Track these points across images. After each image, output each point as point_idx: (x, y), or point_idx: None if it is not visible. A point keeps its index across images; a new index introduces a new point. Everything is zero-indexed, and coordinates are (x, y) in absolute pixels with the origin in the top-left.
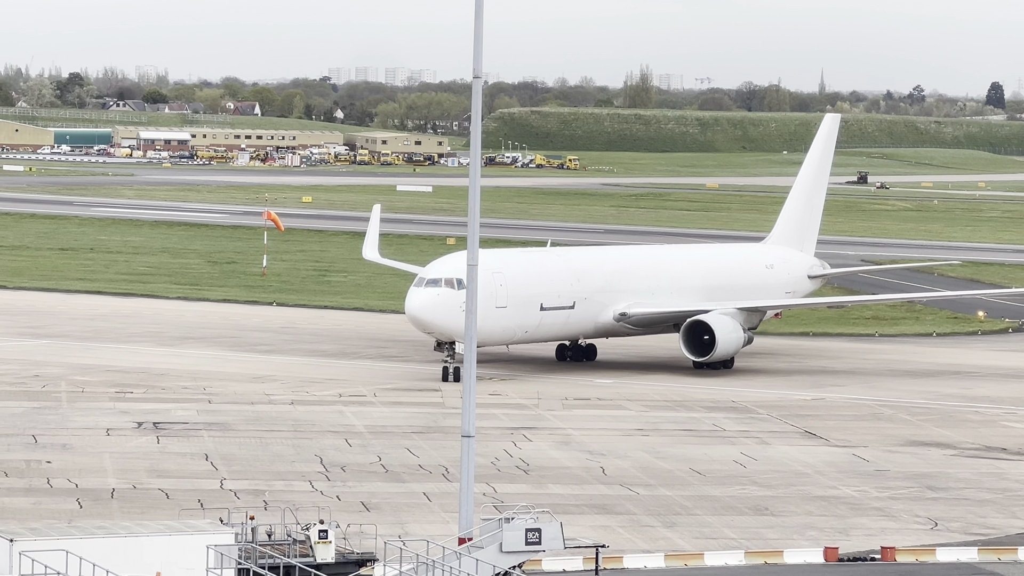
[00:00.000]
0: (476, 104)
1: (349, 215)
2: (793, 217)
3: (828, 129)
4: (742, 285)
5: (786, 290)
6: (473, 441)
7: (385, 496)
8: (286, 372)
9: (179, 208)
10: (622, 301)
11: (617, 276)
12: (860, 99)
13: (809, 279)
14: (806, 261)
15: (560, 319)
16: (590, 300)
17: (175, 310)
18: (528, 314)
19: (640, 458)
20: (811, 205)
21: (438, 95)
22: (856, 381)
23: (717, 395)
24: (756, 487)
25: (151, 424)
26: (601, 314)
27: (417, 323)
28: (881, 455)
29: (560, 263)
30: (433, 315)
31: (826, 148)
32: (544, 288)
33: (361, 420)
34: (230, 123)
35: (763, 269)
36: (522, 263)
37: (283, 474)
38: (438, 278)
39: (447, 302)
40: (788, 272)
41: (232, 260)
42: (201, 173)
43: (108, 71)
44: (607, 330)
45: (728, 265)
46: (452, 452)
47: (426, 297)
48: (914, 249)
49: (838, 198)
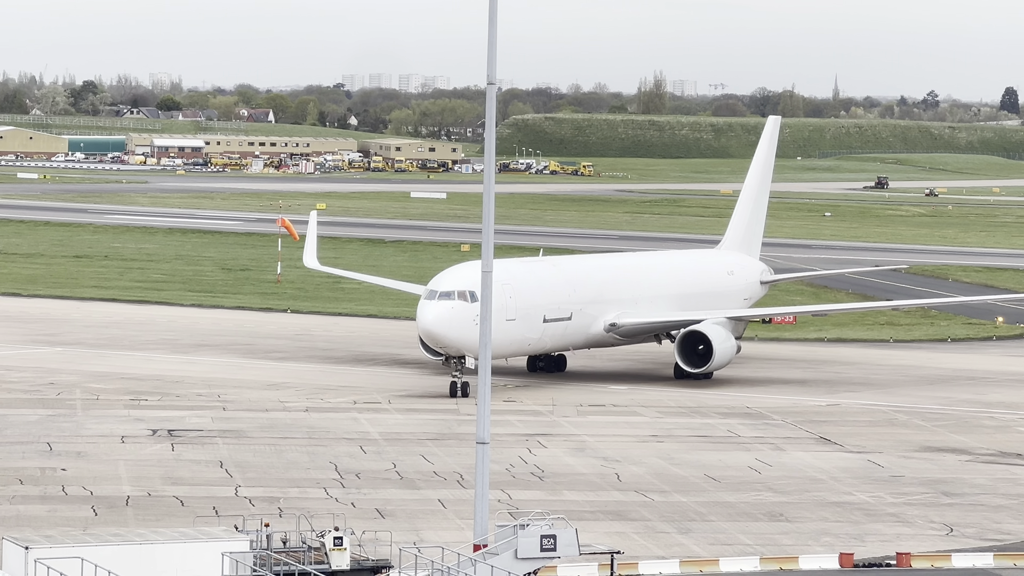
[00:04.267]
0: (490, 110)
1: (364, 222)
2: (743, 222)
3: (770, 132)
4: (708, 292)
5: (744, 296)
6: (488, 448)
7: (400, 503)
8: (300, 379)
9: (193, 215)
10: (611, 311)
11: (606, 286)
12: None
13: (761, 284)
14: (757, 267)
15: (559, 331)
16: (584, 311)
17: (189, 317)
18: (533, 326)
19: (655, 464)
20: (757, 210)
21: (452, 102)
22: (871, 387)
23: (732, 401)
24: (771, 493)
25: (166, 431)
26: (593, 325)
27: (431, 338)
28: (896, 461)
29: (557, 273)
30: (448, 329)
31: (769, 152)
32: (546, 299)
33: (375, 427)
34: (244, 130)
35: (725, 275)
36: (526, 274)
37: (298, 481)
38: (451, 290)
39: (461, 316)
40: (745, 278)
41: (246, 267)
42: (215, 180)
43: (122, 78)
44: (597, 341)
45: (696, 272)
46: (467, 459)
47: (440, 311)
48: (927, 255)
49: (852, 204)
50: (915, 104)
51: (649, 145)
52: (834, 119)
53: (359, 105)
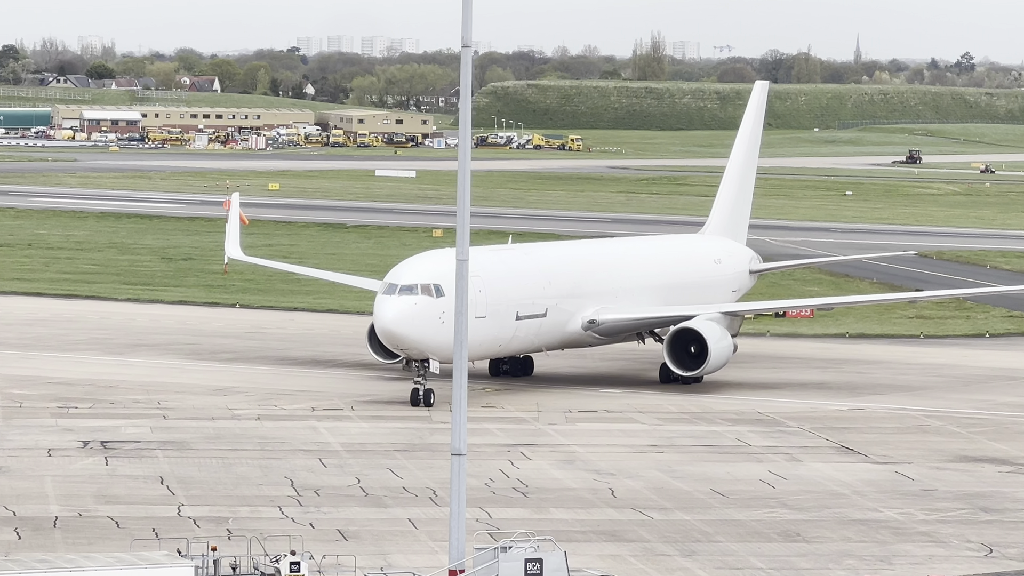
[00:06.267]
0: (465, 77)
1: (322, 204)
2: (728, 203)
3: (758, 100)
4: (694, 283)
5: (732, 288)
6: (464, 460)
7: (365, 523)
8: (251, 383)
9: (129, 198)
10: (589, 307)
11: (584, 277)
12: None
13: (750, 274)
14: (746, 254)
15: (533, 329)
16: (560, 306)
17: (125, 313)
18: (505, 325)
19: (654, 478)
20: (743, 188)
21: (422, 67)
22: (899, 389)
23: (741, 406)
24: (786, 510)
25: (98, 443)
26: (569, 322)
27: (391, 338)
28: (928, 472)
29: (530, 263)
30: (410, 329)
31: (756, 122)
32: (519, 294)
33: (337, 437)
34: (186, 101)
35: (712, 264)
36: (496, 264)
37: (249, 499)
38: (412, 284)
39: (426, 313)
40: (734, 267)
41: (189, 256)
42: (153, 158)
43: (47, 42)
44: (574, 340)
45: (681, 260)
46: (441, 472)
47: (401, 308)
48: (962, 239)
49: (877, 181)
50: (947, 68)
51: (646, 116)
52: (856, 85)
53: (316, 72)
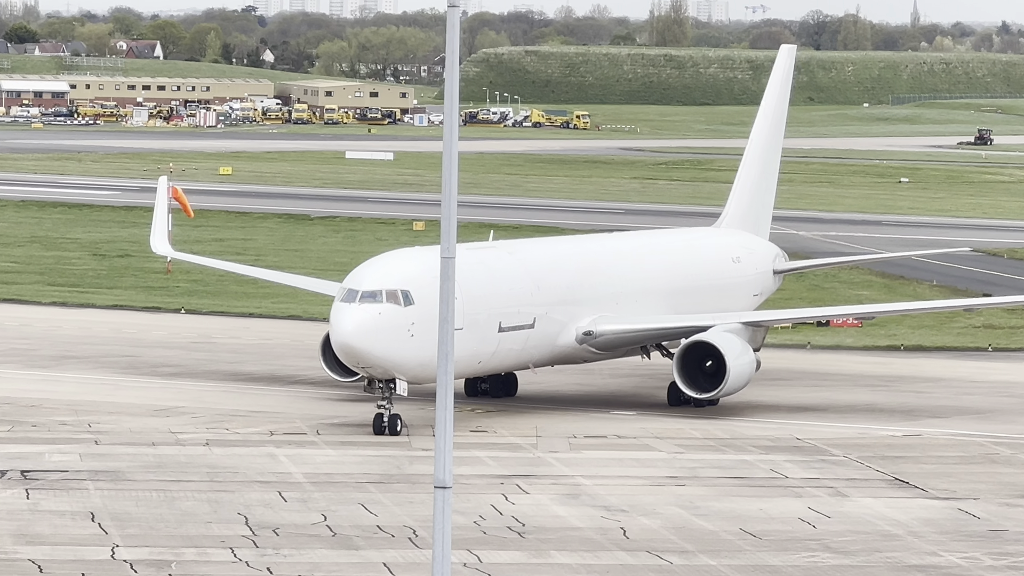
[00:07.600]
0: (452, 42)
1: (283, 191)
2: (747, 191)
3: (783, 68)
4: (709, 287)
5: (754, 291)
6: (450, 493)
7: (332, 568)
8: (199, 403)
9: (55, 183)
10: (585, 316)
11: (578, 280)
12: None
13: (774, 275)
14: (769, 251)
15: (518, 343)
16: (550, 315)
17: (50, 320)
18: (486, 338)
19: (674, 515)
20: (767, 173)
21: (400, 30)
22: (962, 411)
23: (776, 431)
24: (829, 553)
25: (18, 473)
26: (561, 334)
27: (350, 354)
28: (996, 510)
29: (515, 264)
30: (374, 343)
31: (781, 95)
32: (502, 301)
33: (299, 466)
34: (122, 69)
35: (729, 264)
36: (476, 267)
37: (195, 539)
38: (376, 290)
39: (392, 324)
40: (755, 267)
41: (126, 253)
42: (84, 136)
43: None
44: (567, 355)
45: (694, 259)
46: (422, 508)
47: (363, 318)
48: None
49: (938, 166)
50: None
51: (665, 88)
52: (913, 52)
53: (276, 36)
